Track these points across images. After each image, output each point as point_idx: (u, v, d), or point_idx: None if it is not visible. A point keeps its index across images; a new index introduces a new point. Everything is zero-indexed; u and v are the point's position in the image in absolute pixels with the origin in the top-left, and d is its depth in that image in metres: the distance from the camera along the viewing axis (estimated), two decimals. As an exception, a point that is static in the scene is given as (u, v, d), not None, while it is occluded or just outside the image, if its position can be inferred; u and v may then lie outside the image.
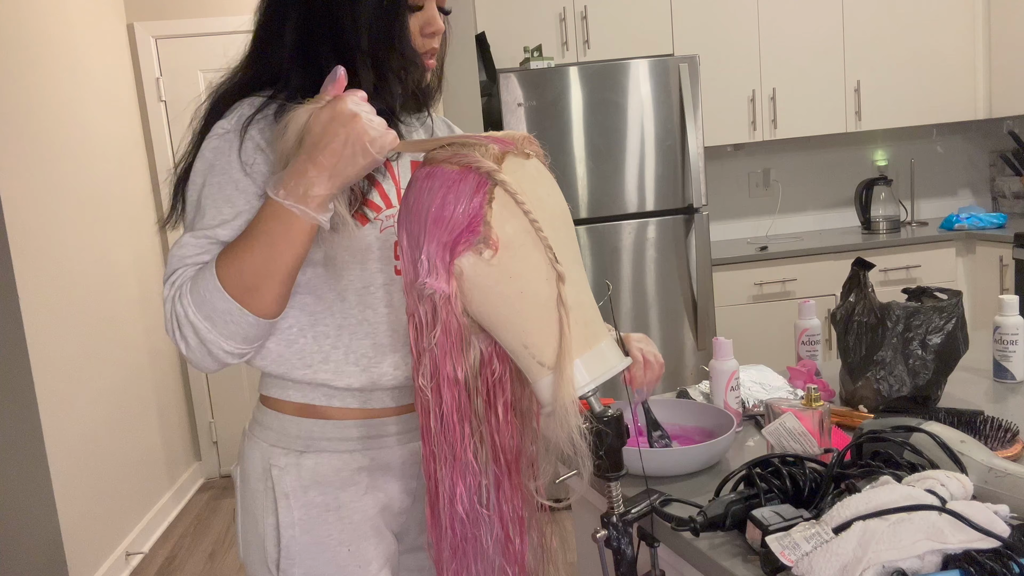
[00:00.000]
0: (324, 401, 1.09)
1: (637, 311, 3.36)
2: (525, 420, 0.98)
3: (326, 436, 1.09)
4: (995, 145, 4.22)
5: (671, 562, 1.12)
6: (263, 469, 1.10)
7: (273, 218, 0.94)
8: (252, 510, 1.11)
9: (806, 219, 4.24)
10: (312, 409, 1.10)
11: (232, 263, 0.95)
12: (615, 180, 3.28)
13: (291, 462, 1.09)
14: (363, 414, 1.10)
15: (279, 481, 1.08)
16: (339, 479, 1.10)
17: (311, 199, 0.92)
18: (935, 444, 1.01)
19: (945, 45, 3.86)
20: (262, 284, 0.95)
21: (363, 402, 1.10)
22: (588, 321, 0.89)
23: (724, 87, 3.77)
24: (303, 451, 1.09)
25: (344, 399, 1.09)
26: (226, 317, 0.95)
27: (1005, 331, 1.57)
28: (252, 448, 1.12)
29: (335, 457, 1.10)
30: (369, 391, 1.10)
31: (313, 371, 1.07)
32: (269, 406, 1.13)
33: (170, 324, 0.98)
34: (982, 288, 3.71)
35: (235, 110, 1.03)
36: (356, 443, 1.11)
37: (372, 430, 1.11)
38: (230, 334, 0.97)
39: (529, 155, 0.91)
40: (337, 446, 1.10)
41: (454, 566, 0.96)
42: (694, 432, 1.38)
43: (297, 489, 1.08)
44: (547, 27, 3.61)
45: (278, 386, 1.11)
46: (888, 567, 0.79)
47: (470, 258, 0.85)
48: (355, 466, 1.10)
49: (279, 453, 1.09)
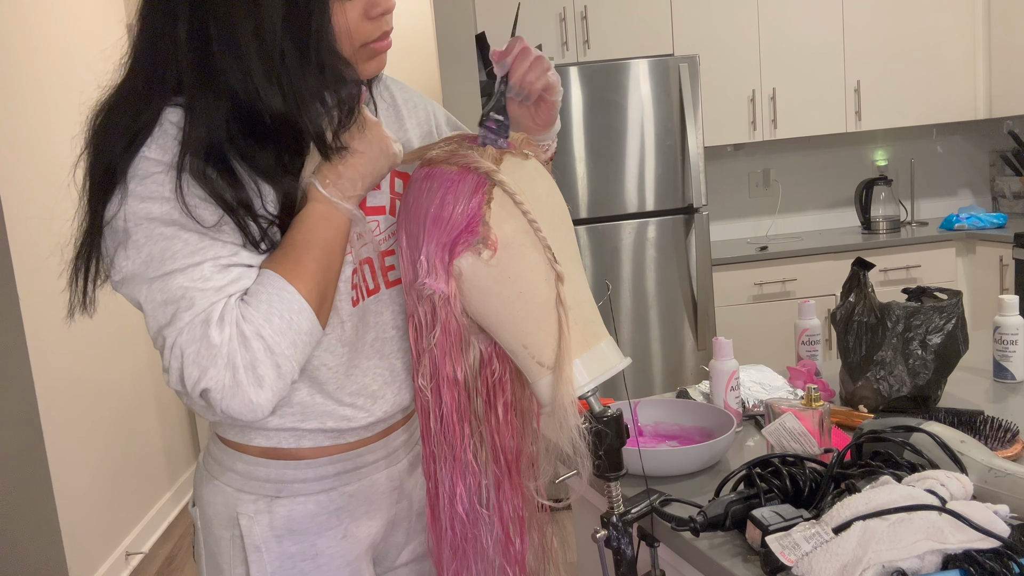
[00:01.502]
0: (293, 443, 0.98)
1: (637, 311, 3.35)
2: (525, 420, 0.98)
3: (300, 478, 0.99)
4: (995, 145, 4.22)
5: (671, 562, 1.12)
6: (228, 517, 0.99)
7: (325, 220, 0.88)
8: (217, 559, 1.01)
9: (806, 219, 4.24)
10: (281, 452, 0.98)
11: (303, 275, 0.86)
12: (615, 180, 3.27)
13: (261, 509, 0.98)
14: (337, 450, 1.01)
15: (249, 532, 0.98)
16: (316, 524, 1.00)
17: (352, 199, 0.90)
18: (935, 444, 1.01)
19: (945, 45, 3.86)
20: (328, 294, 0.89)
21: (335, 439, 1.00)
22: (587, 321, 0.89)
23: (724, 87, 3.77)
24: (275, 496, 0.98)
25: (316, 438, 0.99)
26: (309, 339, 0.86)
27: (1005, 331, 1.57)
28: (213, 492, 1.01)
29: (310, 500, 0.99)
30: (344, 431, 1.00)
31: (279, 418, 0.96)
32: (230, 447, 1.00)
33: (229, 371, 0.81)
34: (982, 288, 3.71)
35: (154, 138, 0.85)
36: (334, 480, 1.01)
37: (349, 463, 1.02)
38: (302, 359, 0.86)
39: (528, 155, 0.91)
40: (312, 487, 1.00)
41: (454, 566, 0.96)
42: (694, 432, 1.38)
43: (270, 540, 0.98)
44: (547, 27, 3.61)
45: (235, 428, 0.98)
46: (888, 567, 0.79)
47: (469, 258, 0.85)
48: (333, 508, 1.01)
49: (247, 500, 0.98)
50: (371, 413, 1.01)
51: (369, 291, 1.00)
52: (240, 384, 0.81)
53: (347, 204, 0.89)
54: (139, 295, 0.85)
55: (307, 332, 0.85)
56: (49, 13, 2.98)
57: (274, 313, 0.83)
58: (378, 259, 1.01)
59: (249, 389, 0.81)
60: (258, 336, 0.81)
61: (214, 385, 0.81)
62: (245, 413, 0.83)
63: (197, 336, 0.80)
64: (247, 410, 0.82)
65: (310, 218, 0.88)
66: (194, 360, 0.80)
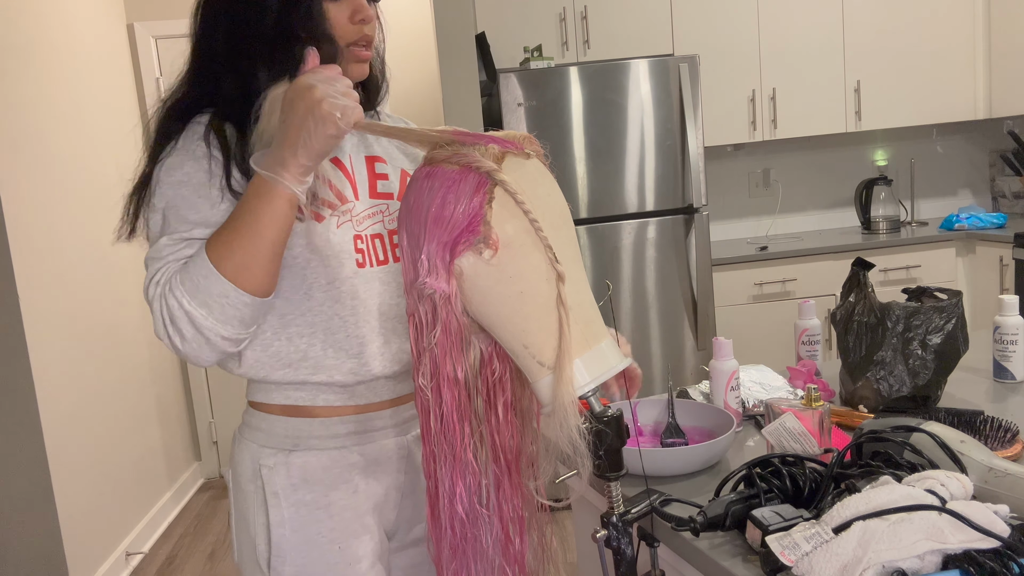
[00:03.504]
0: (308, 400, 1.11)
1: (637, 311, 3.35)
2: (525, 420, 0.98)
3: (314, 434, 1.11)
4: (995, 145, 4.22)
5: (671, 562, 1.12)
6: (253, 470, 1.11)
7: (255, 195, 0.96)
8: (244, 511, 1.12)
9: (806, 219, 4.24)
10: (298, 409, 1.11)
11: (221, 245, 0.96)
12: (615, 180, 3.27)
13: (280, 461, 1.10)
14: (351, 410, 1.12)
15: (268, 480, 1.10)
16: (328, 477, 1.11)
17: (285, 170, 0.94)
18: (935, 444, 1.01)
19: (945, 45, 3.86)
20: (252, 262, 0.96)
21: (349, 398, 1.11)
22: (588, 321, 0.89)
23: (724, 87, 3.77)
24: (291, 450, 1.10)
25: (329, 396, 1.11)
26: (222, 300, 0.96)
27: (1005, 331, 1.57)
28: (242, 450, 1.14)
29: (324, 455, 1.11)
30: (353, 385, 1.11)
31: (294, 371, 1.08)
32: (257, 409, 1.14)
33: (161, 323, 0.97)
34: (982, 288, 3.71)
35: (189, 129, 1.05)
36: (345, 439, 1.12)
37: (360, 425, 1.13)
38: (227, 318, 0.97)
39: (529, 155, 0.91)
40: (325, 444, 1.11)
41: (454, 566, 0.96)
42: (694, 432, 1.38)
43: (287, 488, 1.09)
44: (547, 27, 3.61)
45: (262, 390, 1.13)
46: (888, 567, 0.79)
47: (470, 258, 0.85)
48: (344, 463, 1.11)
49: (268, 453, 1.11)
50: (377, 367, 1.10)
51: (379, 261, 1.11)
52: (170, 335, 0.97)
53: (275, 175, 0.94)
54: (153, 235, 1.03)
55: (219, 294, 0.96)
56: (49, 13, 2.98)
57: (187, 278, 0.96)
58: (388, 236, 1.12)
59: (175, 339, 0.97)
60: (173, 296, 0.96)
61: (161, 335, 0.98)
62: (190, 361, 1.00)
63: (151, 299, 0.99)
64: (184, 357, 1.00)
65: (245, 192, 0.98)
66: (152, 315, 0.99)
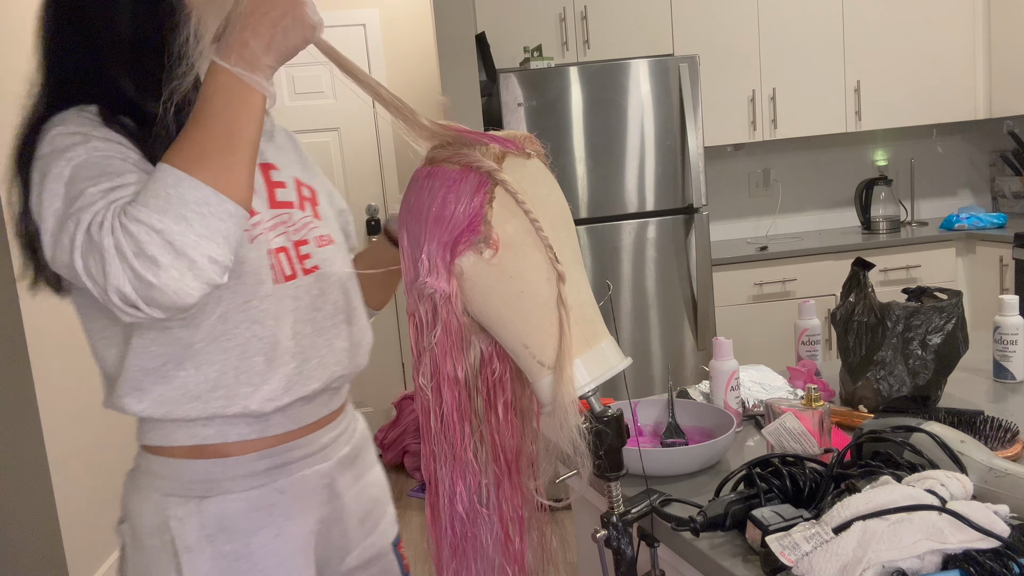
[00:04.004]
0: (218, 438, 0.99)
1: (637, 311, 3.35)
2: (525, 420, 0.98)
3: (228, 475, 1.00)
4: (995, 145, 4.22)
5: (671, 562, 1.12)
6: (158, 523, 0.99)
7: (225, 91, 0.85)
8: (146, 571, 1.00)
9: (806, 219, 4.24)
10: (206, 449, 1.00)
11: (190, 148, 0.84)
12: (615, 180, 3.27)
13: (191, 510, 0.98)
14: (267, 443, 1.02)
15: (180, 533, 0.98)
16: (248, 523, 1.00)
17: (259, 67, 0.85)
18: (935, 444, 1.01)
19: (945, 45, 3.86)
20: (232, 161, 0.85)
21: (264, 429, 1.01)
22: (588, 321, 0.89)
23: (724, 87, 3.77)
24: (204, 496, 0.99)
25: (242, 430, 1.00)
26: (203, 209, 0.82)
27: (1005, 331, 1.57)
28: (141, 501, 1.00)
29: (242, 498, 1.00)
30: (269, 414, 1.01)
31: (203, 404, 0.97)
32: (156, 453, 1.01)
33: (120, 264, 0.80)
34: (982, 288, 3.71)
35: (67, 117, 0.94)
36: (263, 477, 1.02)
37: (279, 459, 1.03)
38: (211, 231, 0.82)
39: (530, 155, 0.91)
40: (243, 484, 1.00)
41: (454, 565, 0.96)
42: (694, 432, 1.38)
43: (201, 540, 0.98)
44: (547, 27, 3.61)
45: (161, 432, 1.00)
46: (888, 567, 0.79)
47: (470, 257, 0.85)
48: (264, 505, 1.02)
49: (175, 502, 0.98)
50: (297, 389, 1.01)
51: (287, 276, 1.02)
52: (136, 270, 0.79)
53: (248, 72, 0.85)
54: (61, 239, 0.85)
55: (196, 201, 0.81)
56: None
57: (149, 195, 0.81)
58: (293, 247, 1.04)
59: (147, 273, 0.80)
60: (135, 221, 0.80)
61: (120, 281, 0.80)
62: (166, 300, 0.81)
63: (89, 247, 0.81)
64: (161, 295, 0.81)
65: (204, 91, 0.86)
66: (97, 270, 0.80)
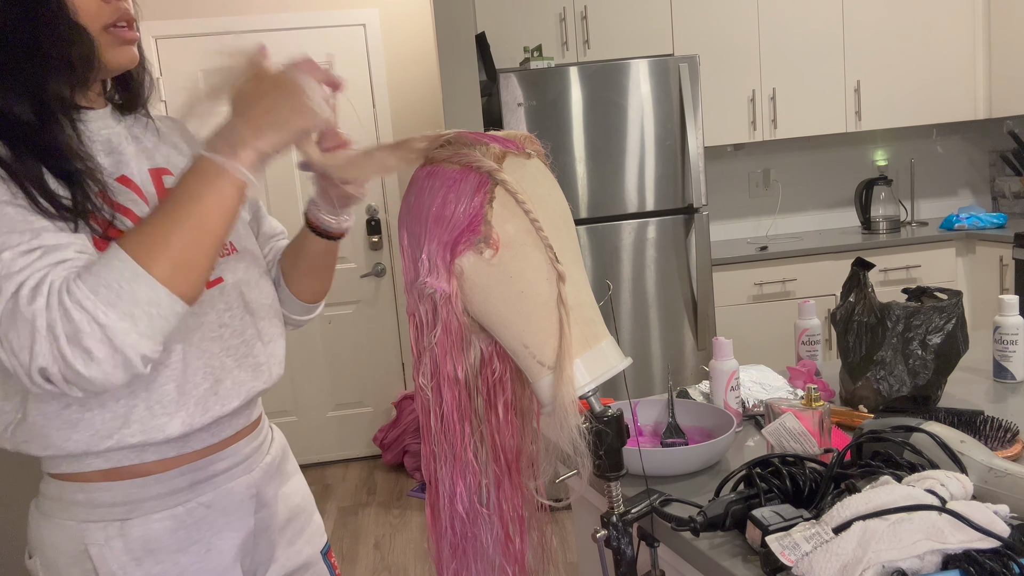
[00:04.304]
0: (135, 459, 0.93)
1: (637, 311, 3.36)
2: (525, 420, 0.98)
3: (150, 495, 0.95)
4: (995, 145, 4.22)
5: (671, 562, 1.12)
6: (75, 552, 0.93)
7: (198, 177, 0.81)
8: None
9: (806, 219, 4.24)
10: (124, 471, 0.94)
11: (151, 238, 0.78)
12: (615, 180, 3.27)
13: (113, 534, 0.93)
14: (189, 458, 0.97)
15: (102, 560, 0.92)
16: (176, 540, 0.96)
17: (241, 152, 0.82)
18: (935, 444, 1.01)
19: (945, 45, 3.86)
20: (193, 259, 0.80)
21: (180, 447, 0.96)
22: (588, 320, 0.89)
23: (724, 87, 3.77)
24: (125, 519, 0.93)
25: (161, 447, 0.95)
26: (151, 310, 0.77)
27: (1005, 331, 1.57)
28: (53, 531, 0.94)
29: (167, 516, 0.95)
30: (187, 435, 0.96)
31: (118, 439, 0.90)
32: (67, 480, 0.94)
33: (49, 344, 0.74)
34: (982, 288, 3.71)
35: None
36: (187, 493, 0.97)
37: (202, 472, 0.99)
38: (153, 331, 0.78)
39: (530, 155, 0.91)
40: (166, 503, 0.95)
41: (454, 565, 0.96)
42: (694, 432, 1.38)
43: (128, 564, 0.93)
44: (547, 27, 3.61)
45: (69, 460, 0.93)
46: (888, 567, 0.79)
47: (471, 257, 0.85)
48: (191, 522, 0.97)
49: (94, 528, 0.93)
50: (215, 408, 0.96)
51: None
52: (66, 357, 0.74)
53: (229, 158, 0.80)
54: None
55: (147, 301, 0.77)
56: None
57: (101, 284, 0.76)
58: None
59: (76, 362, 0.75)
60: (79, 308, 0.75)
61: (46, 362, 0.74)
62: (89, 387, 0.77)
63: (13, 318, 0.75)
64: (87, 384, 0.76)
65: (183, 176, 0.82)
66: (19, 343, 0.74)
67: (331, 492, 3.78)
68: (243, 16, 3.79)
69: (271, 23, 3.80)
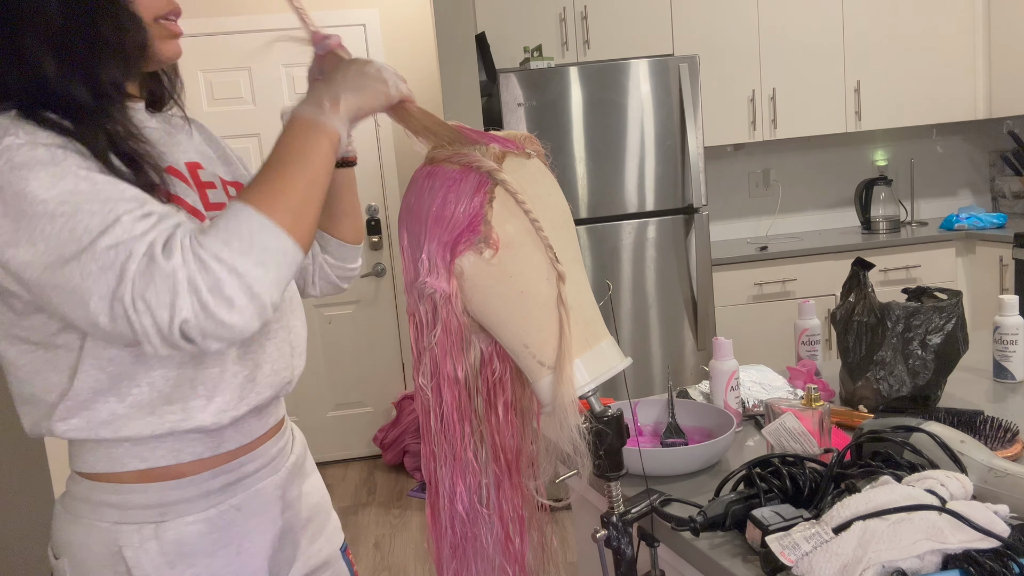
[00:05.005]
0: (172, 459, 0.95)
1: (637, 311, 3.36)
2: (525, 419, 0.98)
3: (184, 497, 0.96)
4: (995, 145, 4.22)
5: (671, 562, 1.12)
6: (109, 554, 0.93)
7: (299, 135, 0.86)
8: None
9: (806, 219, 4.24)
10: (159, 472, 0.95)
11: (272, 191, 0.82)
12: (615, 180, 3.27)
13: (147, 536, 0.94)
14: (218, 461, 0.99)
15: (137, 562, 0.93)
16: (208, 544, 0.97)
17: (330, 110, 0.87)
18: (935, 444, 1.02)
19: (945, 45, 3.86)
20: (308, 209, 0.84)
21: (215, 447, 0.98)
22: (588, 320, 0.89)
23: (724, 87, 3.77)
24: (159, 521, 0.94)
25: (196, 448, 0.96)
26: (279, 258, 0.81)
27: (1005, 331, 1.57)
28: (86, 533, 0.95)
29: (200, 520, 0.97)
30: (221, 429, 0.98)
31: (159, 419, 0.92)
32: (100, 480, 0.95)
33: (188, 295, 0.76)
34: (982, 288, 3.71)
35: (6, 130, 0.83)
36: (219, 495, 0.99)
37: (232, 475, 1.00)
38: (281, 279, 0.82)
39: (530, 155, 0.91)
40: (199, 505, 0.97)
41: (454, 565, 0.96)
42: (694, 432, 1.38)
43: (162, 567, 0.94)
44: (547, 27, 3.61)
45: (106, 458, 0.94)
46: (888, 567, 0.79)
47: (470, 257, 0.85)
48: (223, 524, 0.99)
49: (129, 530, 0.93)
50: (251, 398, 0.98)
51: None
52: (208, 307, 0.76)
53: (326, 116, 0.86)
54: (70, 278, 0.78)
55: (276, 250, 0.80)
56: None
57: (232, 236, 0.79)
58: None
59: (220, 311, 0.77)
60: (216, 259, 0.77)
61: (188, 314, 0.76)
62: (229, 336, 0.79)
63: (151, 276, 0.76)
64: (228, 332, 0.79)
65: (282, 135, 0.87)
66: (158, 300, 0.76)
67: (331, 492, 3.78)
68: (242, 16, 3.79)
69: (271, 23, 3.80)
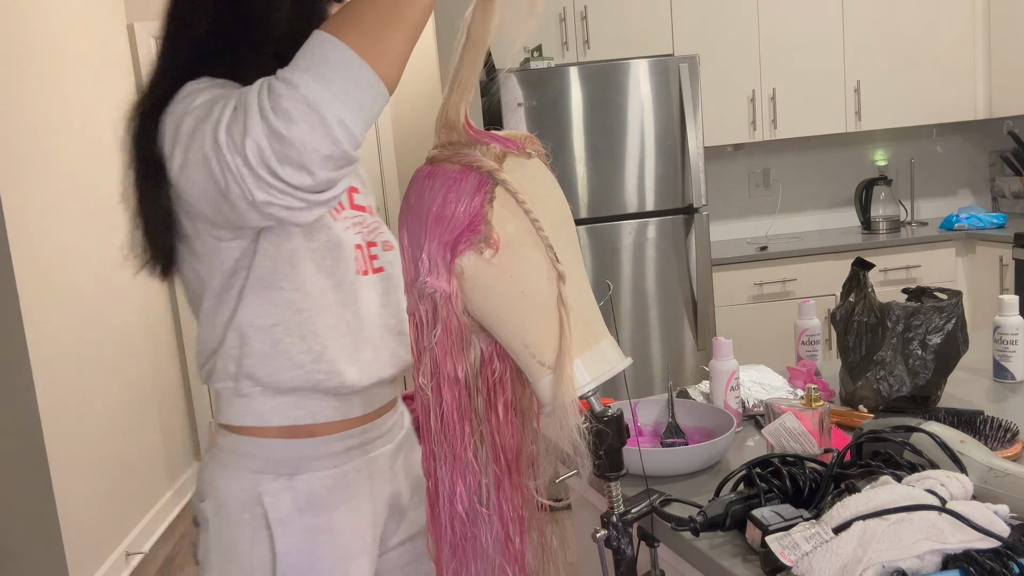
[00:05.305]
0: (309, 418, 1.06)
1: (637, 311, 3.36)
2: (525, 419, 0.98)
3: (315, 454, 1.07)
4: (995, 145, 4.22)
5: (671, 562, 1.12)
6: (249, 497, 1.05)
7: None
8: (233, 544, 1.05)
9: (806, 219, 4.24)
10: (297, 430, 1.06)
11: (342, 17, 0.82)
12: (615, 180, 3.28)
13: (283, 486, 1.05)
14: (350, 424, 1.09)
15: (273, 507, 1.04)
16: (332, 498, 1.07)
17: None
18: (935, 444, 1.02)
19: (945, 45, 3.86)
20: (385, 33, 0.82)
21: (347, 411, 1.08)
22: (588, 321, 0.89)
23: (724, 87, 3.77)
24: (293, 473, 1.06)
25: (329, 412, 1.07)
26: (343, 71, 0.80)
27: (1005, 331, 1.57)
28: (229, 478, 1.06)
29: (328, 475, 1.07)
30: (352, 395, 1.08)
31: (306, 373, 1.03)
32: (245, 434, 1.07)
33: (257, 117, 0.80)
34: (982, 288, 3.71)
35: None
36: (343, 456, 1.09)
37: (358, 439, 1.11)
38: (347, 95, 0.80)
39: (531, 154, 0.91)
40: (326, 463, 1.07)
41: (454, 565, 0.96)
42: (694, 432, 1.38)
43: (293, 513, 1.05)
44: (547, 27, 3.61)
45: (252, 413, 1.06)
46: (888, 567, 0.79)
47: (471, 257, 0.85)
48: (346, 482, 1.09)
49: (268, 479, 1.05)
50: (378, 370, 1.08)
51: (362, 272, 1.09)
52: (270, 123, 0.79)
53: None
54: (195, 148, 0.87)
55: (338, 63, 0.80)
56: (49, 13, 2.97)
57: (298, 57, 0.81)
58: (366, 247, 1.11)
59: (279, 125, 0.79)
60: (280, 80, 0.81)
61: (257, 135, 0.79)
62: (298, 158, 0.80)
63: (236, 113, 0.82)
64: (294, 152, 0.80)
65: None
66: (238, 132, 0.81)
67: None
68: (243, 16, 3.78)
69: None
